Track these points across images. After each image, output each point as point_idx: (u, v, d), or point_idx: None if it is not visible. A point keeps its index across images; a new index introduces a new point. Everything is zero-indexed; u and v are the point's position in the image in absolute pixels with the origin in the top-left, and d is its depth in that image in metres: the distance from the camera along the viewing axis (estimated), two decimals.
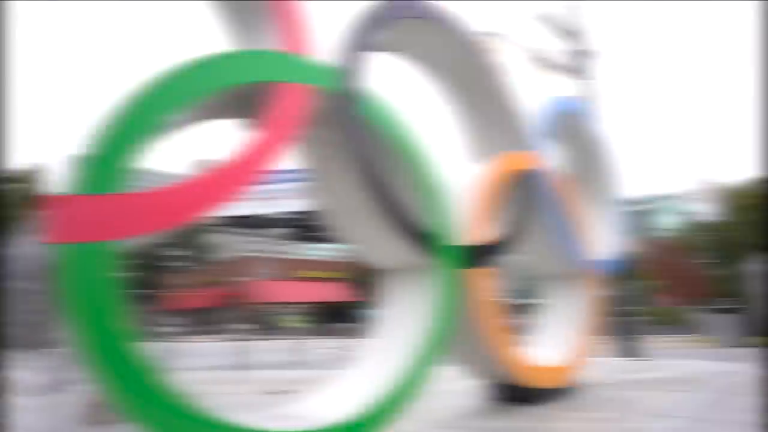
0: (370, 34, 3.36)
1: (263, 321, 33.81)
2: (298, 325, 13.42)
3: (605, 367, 6.85)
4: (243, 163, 2.43)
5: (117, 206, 1.95)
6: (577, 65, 11.38)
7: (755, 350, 12.06)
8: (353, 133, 3.03)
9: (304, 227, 44.40)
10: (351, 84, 3.09)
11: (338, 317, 39.76)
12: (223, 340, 27.71)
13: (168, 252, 40.85)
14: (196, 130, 2.94)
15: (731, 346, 14.00)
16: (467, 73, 4.62)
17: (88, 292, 1.87)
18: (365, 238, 3.68)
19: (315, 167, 3.47)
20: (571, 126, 6.28)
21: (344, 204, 3.45)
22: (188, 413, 2.11)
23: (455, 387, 5.72)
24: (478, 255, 3.92)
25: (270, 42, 2.81)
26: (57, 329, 2.24)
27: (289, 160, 3.30)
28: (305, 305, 40.47)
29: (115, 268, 1.94)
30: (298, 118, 2.69)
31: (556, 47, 11.69)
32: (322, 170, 3.46)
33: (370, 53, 3.34)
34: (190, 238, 48.11)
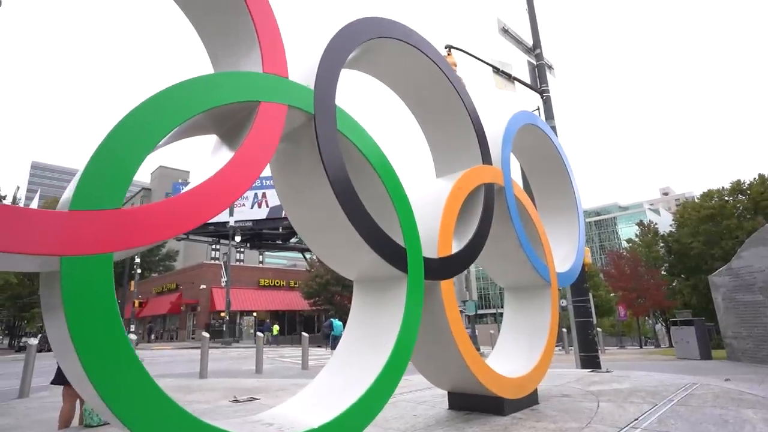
0: (343, 54, 3.53)
1: (225, 329, 33.12)
2: (260, 333, 13.16)
3: (566, 378, 6.93)
4: (229, 179, 2.51)
5: (115, 220, 2.06)
6: (536, 79, 11.67)
7: (715, 363, 12.54)
8: (327, 149, 3.13)
9: (265, 235, 44.10)
10: (324, 102, 3.22)
11: (300, 326, 39.42)
12: (184, 348, 27.18)
13: (129, 260, 39.75)
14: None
15: (691, 359, 14.40)
16: (432, 90, 4.82)
17: (92, 301, 1.96)
18: (335, 251, 3.77)
19: (288, 182, 3.54)
20: (531, 139, 6.41)
21: (316, 218, 3.52)
22: (183, 418, 2.20)
23: (419, 396, 5.70)
24: (444, 267, 4.04)
25: (250, 64, 3.03)
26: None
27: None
28: (267, 313, 40.02)
29: (112, 278, 2.05)
30: (276, 136, 2.82)
31: (516, 61, 11.97)
32: (294, 185, 3.52)
33: (341, 72, 3.49)
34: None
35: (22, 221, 1.79)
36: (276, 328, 35.23)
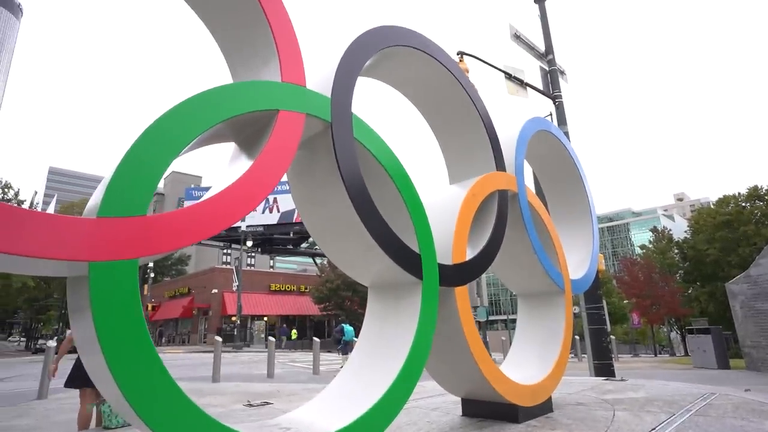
0: (359, 62, 3.58)
1: (236, 333, 33.31)
2: (272, 338, 13.22)
3: (580, 385, 6.87)
4: (249, 186, 2.57)
5: (141, 226, 2.12)
6: (549, 84, 11.65)
7: (734, 372, 12.29)
8: (343, 157, 3.18)
9: (276, 240, 44.35)
10: (341, 110, 3.27)
11: (311, 331, 39.47)
12: (195, 352, 27.38)
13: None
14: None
15: (708, 368, 14.11)
16: (446, 97, 4.85)
17: (119, 305, 2.02)
18: (351, 257, 3.80)
19: (304, 189, 3.60)
20: (544, 145, 6.40)
21: (331, 224, 3.56)
22: (205, 421, 2.27)
23: (433, 402, 5.68)
24: (458, 273, 4.04)
25: (269, 73, 3.09)
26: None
27: None
28: (277, 317, 40.15)
29: (137, 283, 2.12)
30: (294, 144, 2.88)
31: (529, 67, 11.98)
32: (310, 191, 3.57)
33: (357, 80, 3.54)
34: None
35: (53, 228, 1.86)
36: (294, 332, 35.38)
